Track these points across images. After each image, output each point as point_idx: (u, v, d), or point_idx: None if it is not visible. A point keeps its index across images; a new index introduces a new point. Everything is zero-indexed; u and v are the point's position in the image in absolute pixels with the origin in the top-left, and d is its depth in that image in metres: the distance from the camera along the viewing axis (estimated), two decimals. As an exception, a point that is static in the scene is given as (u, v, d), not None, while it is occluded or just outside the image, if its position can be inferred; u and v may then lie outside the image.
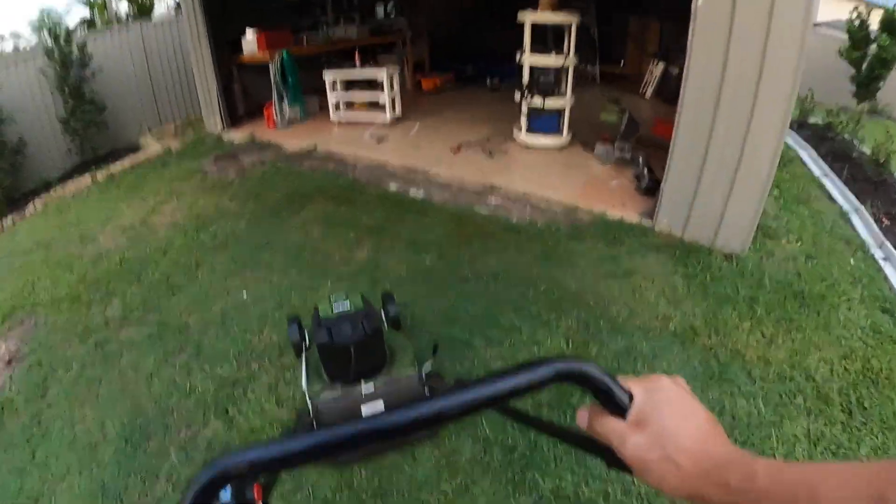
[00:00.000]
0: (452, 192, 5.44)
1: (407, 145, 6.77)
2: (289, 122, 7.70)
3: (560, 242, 4.27)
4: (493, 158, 6.15)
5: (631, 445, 0.49)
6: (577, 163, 5.94)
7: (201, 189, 5.94)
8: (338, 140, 7.09)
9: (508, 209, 5.05)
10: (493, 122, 7.50)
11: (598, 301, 3.56)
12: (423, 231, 4.67)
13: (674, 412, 0.49)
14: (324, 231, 4.77)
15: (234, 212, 5.31)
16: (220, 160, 6.70)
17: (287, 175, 6.07)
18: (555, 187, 5.16)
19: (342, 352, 2.13)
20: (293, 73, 7.52)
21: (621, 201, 4.78)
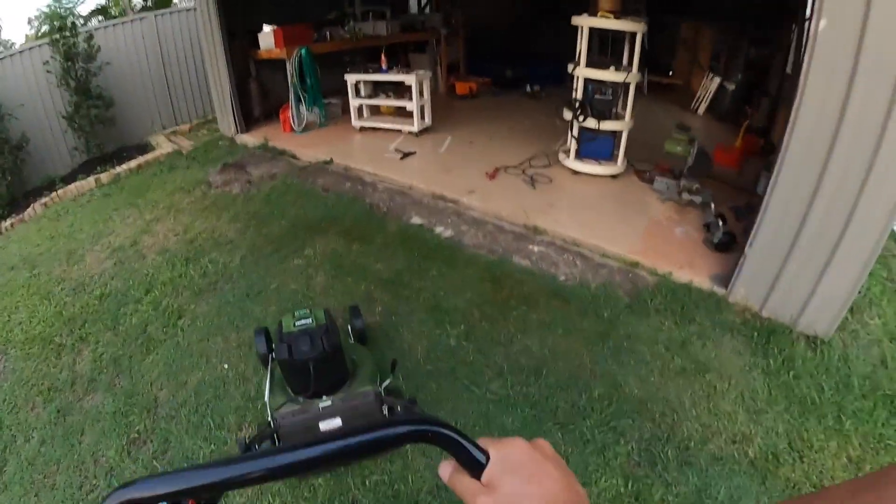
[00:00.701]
0: (487, 233, 4.67)
1: (436, 164, 6.02)
2: (306, 126, 7.03)
3: (619, 318, 3.40)
4: (535, 189, 5.35)
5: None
6: (634, 198, 5.07)
7: (201, 206, 5.31)
8: (358, 152, 6.39)
9: (554, 262, 4.18)
10: (534, 139, 6.72)
11: (665, 413, 2.81)
12: (450, 291, 3.86)
13: (525, 477, 0.50)
14: (329, 279, 4.05)
15: (231, 240, 4.66)
16: (227, 169, 6.05)
17: (297, 195, 5.39)
18: (610, 233, 4.30)
19: (301, 367, 2.18)
20: (312, 72, 6.83)
21: (689, 258, 3.92)
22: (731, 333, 3.27)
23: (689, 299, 3.49)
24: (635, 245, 4.05)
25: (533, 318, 3.43)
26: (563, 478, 0.51)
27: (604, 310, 3.44)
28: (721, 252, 3.91)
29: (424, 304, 3.73)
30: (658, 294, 3.55)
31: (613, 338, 3.19)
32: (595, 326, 3.28)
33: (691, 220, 4.48)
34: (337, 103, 7.66)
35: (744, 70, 7.34)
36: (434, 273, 4.07)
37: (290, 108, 6.86)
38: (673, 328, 3.27)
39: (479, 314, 3.57)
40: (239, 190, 5.59)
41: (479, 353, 3.21)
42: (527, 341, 3.26)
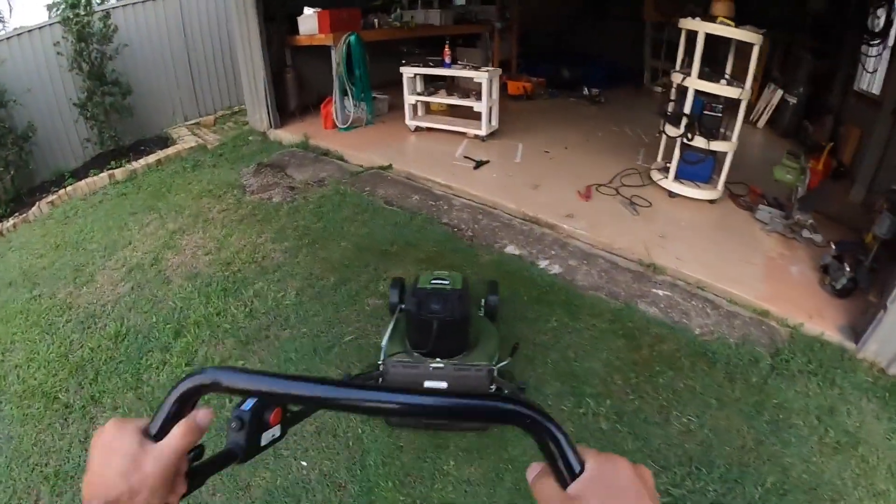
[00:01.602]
0: (601, 270, 3.80)
1: (517, 178, 5.09)
2: (352, 123, 6.10)
3: (767, 383, 2.89)
4: (637, 214, 4.50)
5: None
6: (739, 228, 4.42)
7: (236, 215, 4.40)
8: (419, 157, 5.49)
9: (685, 311, 3.43)
10: (613, 151, 5.91)
11: (835, 500, 2.35)
12: (581, 350, 3.04)
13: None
14: None
15: (280, 265, 3.76)
16: (263, 171, 5.14)
17: (354, 209, 4.48)
18: (731, 273, 3.71)
19: (426, 324, 2.19)
20: (362, 62, 5.91)
21: (815, 305, 3.44)
22: (867, 396, 2.91)
23: (825, 356, 3.07)
24: (760, 289, 3.56)
25: (682, 387, 2.83)
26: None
27: (751, 373, 2.94)
28: (841, 298, 3.50)
29: (554, 368, 2.89)
30: (796, 351, 3.10)
31: (768, 408, 2.73)
32: (747, 395, 2.80)
33: (802, 258, 4.00)
34: (384, 99, 6.75)
35: (805, 83, 6.68)
36: (554, 324, 3.23)
37: (334, 102, 5.93)
38: (818, 392, 2.87)
39: (623, 382, 2.86)
40: (281, 198, 4.67)
41: (636, 439, 2.56)
42: (684, 418, 2.67)
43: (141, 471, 0.48)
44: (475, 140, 5.97)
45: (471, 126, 5.97)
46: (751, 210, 4.61)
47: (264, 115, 5.93)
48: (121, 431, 0.51)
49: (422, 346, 2.26)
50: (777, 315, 3.35)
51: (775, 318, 3.34)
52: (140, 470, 0.48)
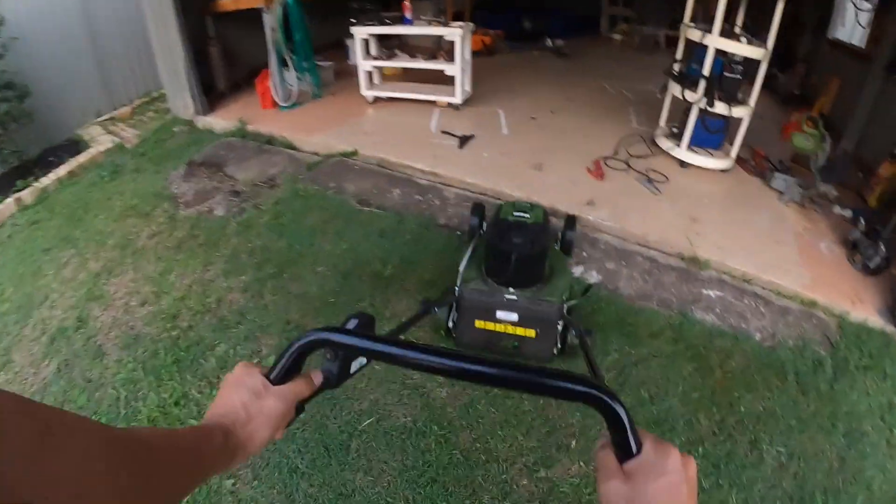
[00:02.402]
0: (643, 272, 3.21)
1: (512, 155, 4.33)
2: (296, 100, 5.08)
3: (833, 388, 2.69)
4: (659, 193, 3.90)
5: (608, 487, 0.51)
6: (760, 201, 4.08)
7: (171, 240, 3.41)
8: (388, 136, 4.56)
9: (740, 313, 3.03)
10: (602, 113, 5.34)
11: None
12: (651, 383, 2.56)
13: (660, 489, 0.49)
14: (456, 394, 2.44)
15: (241, 312, 2.85)
16: (196, 172, 4.12)
17: (323, 215, 3.59)
18: (770, 259, 3.40)
19: (504, 256, 2.21)
20: (301, 25, 4.87)
21: (852, 287, 3.28)
22: None
23: (873, 346, 2.93)
24: (802, 276, 3.31)
25: (762, 410, 2.54)
26: (691, 501, 0.51)
27: (818, 380, 2.72)
28: (873, 276, 3.37)
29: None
30: (850, 346, 2.92)
31: (841, 419, 2.54)
32: (820, 407, 2.59)
33: (825, 231, 3.81)
34: (328, 66, 5.71)
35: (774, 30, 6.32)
36: (615, 355, 2.69)
37: (272, 76, 4.88)
38: (876, 389, 2.72)
39: (708, 421, 2.46)
40: (224, 209, 3.70)
41: (739, 489, 2.20)
42: (774, 450, 2.37)
43: (259, 404, 0.62)
44: (448, 109, 5.14)
45: (441, 92, 5.10)
46: (762, 177, 4.36)
47: (188, 99, 4.80)
48: (248, 373, 0.64)
49: (498, 275, 2.30)
50: (823, 304, 3.14)
51: (822, 308, 3.13)
52: (259, 403, 0.62)
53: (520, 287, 2.29)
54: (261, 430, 0.62)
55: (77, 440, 0.37)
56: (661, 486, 0.50)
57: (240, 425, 0.60)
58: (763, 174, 4.33)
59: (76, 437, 0.38)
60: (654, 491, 0.49)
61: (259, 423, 0.62)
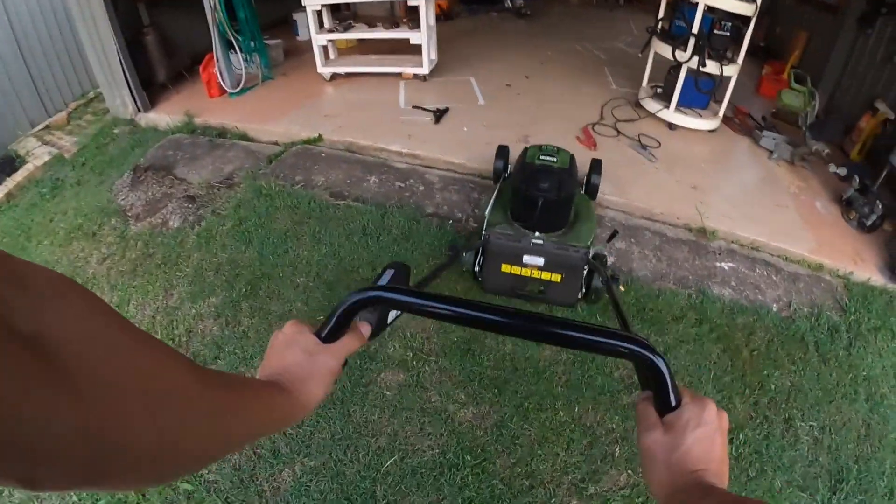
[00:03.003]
0: (654, 248, 3.04)
1: (496, 127, 4.01)
2: (245, 84, 4.59)
3: (851, 355, 2.67)
4: (654, 160, 3.71)
5: (649, 437, 0.55)
6: (752, 162, 4.03)
7: (125, 263, 2.97)
8: (354, 116, 4.15)
9: (755, 285, 2.95)
10: (577, 75, 5.09)
11: None
12: (688, 377, 2.45)
13: (697, 438, 0.53)
14: (496, 432, 2.19)
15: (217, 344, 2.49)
16: (143, 178, 3.65)
17: (294, 216, 3.21)
18: (773, 223, 3.34)
19: (531, 201, 2.22)
20: (245, 2, 4.36)
21: (852, 247, 3.30)
22: None
23: (880, 305, 2.95)
24: (806, 239, 3.29)
25: (790, 386, 2.49)
26: (724, 452, 0.55)
27: (837, 347, 2.70)
28: (868, 233, 3.39)
29: None
30: (858, 308, 2.91)
31: (862, 385, 2.54)
32: (842, 375, 2.57)
33: (818, 190, 3.79)
34: (277, 44, 5.20)
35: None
36: None
37: (217, 62, 4.36)
38: (887, 351, 2.72)
39: (742, 404, 2.39)
40: (180, 219, 3.27)
41: (782, 472, 2.17)
42: (807, 426, 2.34)
43: (313, 362, 0.62)
44: (415, 81, 4.75)
45: (405, 63, 4.70)
46: (749, 135, 4.27)
47: (126, 97, 4.22)
48: (300, 331, 0.64)
49: (524, 219, 2.30)
50: (829, 266, 3.14)
51: (828, 271, 3.14)
52: (313, 362, 0.62)
53: (546, 231, 2.31)
54: (316, 389, 0.62)
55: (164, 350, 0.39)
56: (698, 436, 0.53)
57: (298, 383, 0.60)
58: (750, 132, 4.25)
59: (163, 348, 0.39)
60: (693, 440, 0.53)
61: (315, 382, 0.62)
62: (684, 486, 0.51)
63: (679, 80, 3.88)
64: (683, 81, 3.89)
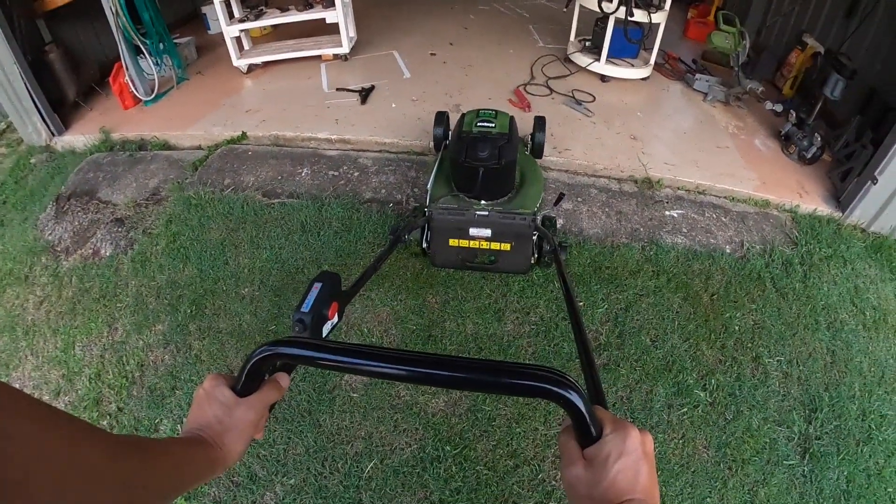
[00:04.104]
0: (602, 204, 3.03)
1: (424, 100, 3.89)
2: (160, 90, 4.29)
3: (807, 286, 2.71)
4: (591, 115, 3.67)
5: (570, 473, 0.54)
6: (688, 106, 4.04)
7: (62, 304, 2.73)
8: (277, 108, 3.93)
9: (706, 229, 2.97)
10: (502, 36, 5.00)
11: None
12: (653, 331, 2.45)
13: (620, 470, 0.51)
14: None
15: (172, 374, 2.36)
16: (68, 208, 3.37)
17: (228, 223, 3.01)
18: (716, 165, 3.36)
19: (471, 171, 2.13)
20: (149, 2, 4.03)
21: (795, 180, 3.34)
22: (867, 262, 2.92)
23: (828, 234, 3.02)
24: (750, 178, 3.31)
25: (752, 325, 2.53)
26: (650, 478, 0.52)
27: (793, 281, 2.74)
28: (809, 165, 3.44)
29: (645, 369, 2.30)
30: (808, 239, 2.97)
31: (821, 314, 2.59)
32: (802, 308, 2.62)
33: (755, 127, 3.82)
34: (188, 42, 4.87)
35: None
36: (602, 302, 2.54)
37: (127, 70, 4.04)
38: (841, 278, 2.80)
39: (710, 349, 2.41)
40: (112, 246, 3.04)
41: (758, 410, 2.23)
42: (774, 361, 2.38)
43: (232, 417, 0.63)
44: (337, 62, 4.55)
45: (324, 44, 4.49)
46: (682, 80, 4.28)
47: (38, 122, 3.84)
48: (216, 385, 0.64)
49: (466, 189, 2.23)
50: (775, 202, 3.18)
51: (775, 206, 3.18)
52: (231, 416, 0.63)
53: (491, 200, 2.23)
54: (236, 442, 0.63)
55: (75, 426, 0.40)
56: (621, 467, 0.51)
57: (216, 438, 0.61)
58: (682, 77, 4.25)
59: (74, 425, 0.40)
60: (615, 472, 0.51)
61: (234, 436, 0.62)
62: None
63: (607, 32, 3.84)
64: (612, 32, 3.85)
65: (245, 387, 0.64)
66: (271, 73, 4.48)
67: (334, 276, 0.87)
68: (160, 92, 4.26)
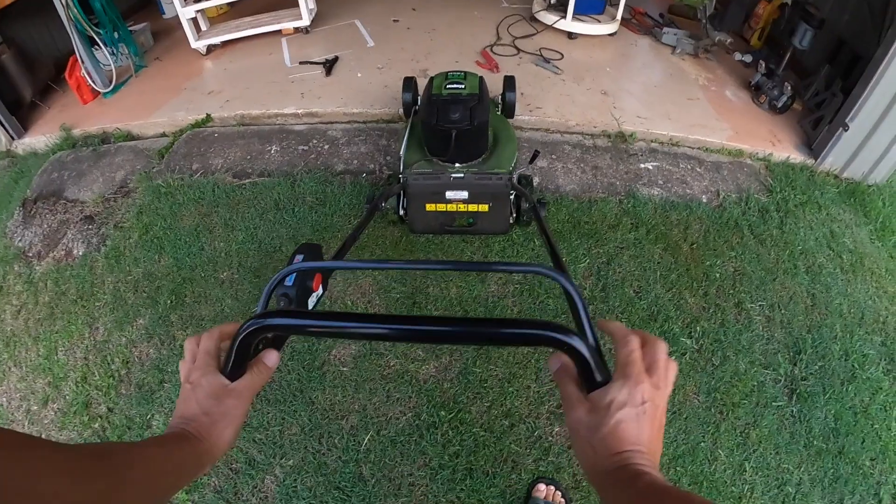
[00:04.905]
0: (576, 161, 3.02)
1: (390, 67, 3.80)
2: (118, 80, 4.14)
3: (784, 233, 2.76)
4: (560, 72, 3.64)
5: (572, 416, 0.53)
6: (657, 60, 4.03)
7: (40, 310, 2.64)
8: (240, 87, 3.81)
9: (681, 179, 2.99)
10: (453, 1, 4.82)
11: (887, 321, 2.43)
12: (636, 282, 2.48)
13: (622, 419, 0.49)
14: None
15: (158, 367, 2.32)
16: (36, 212, 3.24)
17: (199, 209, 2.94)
18: (688, 117, 3.37)
19: (443, 134, 2.12)
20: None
21: (767, 129, 3.37)
22: (841, 207, 2.97)
23: (802, 181, 3.06)
24: (723, 128, 3.32)
25: (733, 272, 2.57)
26: (654, 431, 0.51)
27: (770, 227, 2.79)
28: (780, 114, 3.46)
29: (631, 320, 2.33)
30: (783, 187, 3.00)
31: (800, 259, 2.64)
32: (780, 253, 2.66)
33: (725, 78, 3.84)
34: (143, 28, 4.68)
35: None
36: (586, 262, 2.54)
37: (83, 63, 3.87)
38: (817, 221, 2.85)
39: (693, 297, 2.45)
40: (84, 245, 2.95)
41: (743, 354, 2.26)
42: (756, 306, 2.43)
43: (221, 407, 0.59)
44: (298, 35, 4.42)
45: (284, 18, 4.36)
46: (650, 34, 4.24)
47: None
48: (203, 374, 0.60)
49: (440, 153, 2.22)
50: (749, 151, 3.21)
51: (749, 155, 3.21)
52: (221, 406, 0.59)
53: (465, 162, 2.23)
54: (226, 432, 0.60)
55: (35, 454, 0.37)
56: (623, 417, 0.49)
57: (204, 430, 0.58)
58: (650, 31, 4.21)
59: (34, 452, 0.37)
60: (617, 422, 0.49)
61: (223, 426, 0.59)
62: (611, 468, 0.49)
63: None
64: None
65: (234, 369, 0.61)
66: (231, 53, 4.34)
67: (315, 246, 0.83)
68: (119, 83, 4.11)
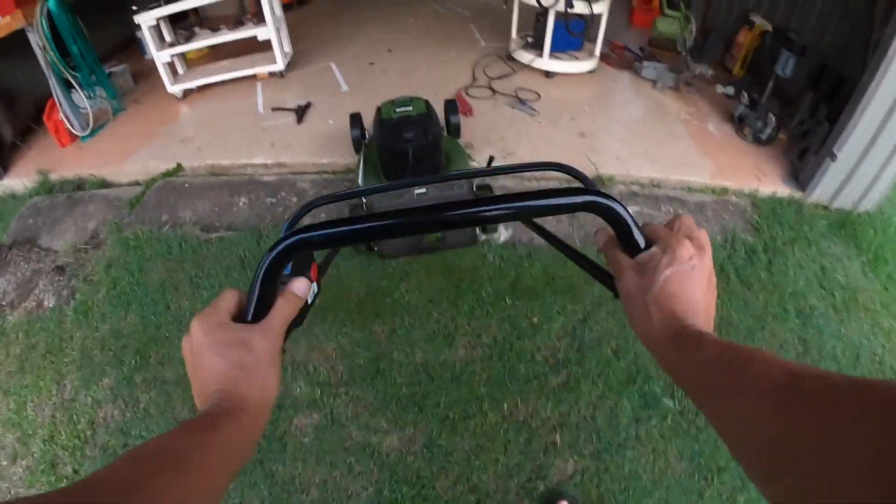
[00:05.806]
0: None
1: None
2: (96, 124, 4.10)
3: (773, 275, 2.66)
4: (536, 114, 3.61)
5: (626, 281, 0.53)
6: (638, 97, 3.98)
7: (12, 362, 2.55)
8: (212, 134, 3.79)
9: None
10: (443, 39, 4.91)
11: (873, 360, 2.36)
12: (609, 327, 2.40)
13: (670, 277, 0.50)
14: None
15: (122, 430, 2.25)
16: (9, 259, 3.15)
17: (167, 264, 2.87)
18: (671, 156, 3.30)
19: (401, 153, 2.19)
20: (77, 32, 3.83)
21: (752, 162, 3.30)
22: (831, 241, 2.90)
23: (790, 216, 2.97)
24: (705, 165, 3.25)
25: (718, 322, 2.44)
26: (704, 293, 0.51)
27: (757, 269, 2.70)
28: (764, 146, 3.40)
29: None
30: (770, 223, 2.93)
31: (790, 301, 2.55)
32: (769, 297, 2.57)
33: (707, 111, 3.78)
34: (122, 71, 4.67)
35: None
36: (558, 315, 2.45)
37: (60, 105, 3.84)
38: (807, 260, 2.76)
39: None
40: (55, 298, 2.87)
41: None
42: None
43: (252, 352, 0.49)
44: (273, 80, 4.42)
45: (259, 62, 4.35)
46: (630, 69, 4.23)
47: None
48: (216, 327, 0.50)
49: (398, 175, 2.26)
50: (734, 188, 3.13)
51: (734, 192, 3.13)
52: (251, 352, 0.49)
53: None
54: (269, 377, 0.50)
55: None
56: (671, 275, 0.50)
57: (244, 385, 0.48)
58: (630, 66, 4.19)
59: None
60: (665, 279, 0.50)
61: (262, 372, 0.49)
62: (670, 332, 0.48)
63: (549, 26, 3.77)
64: (553, 26, 3.77)
65: (258, 309, 0.53)
66: (207, 97, 4.32)
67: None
68: (96, 126, 4.07)
